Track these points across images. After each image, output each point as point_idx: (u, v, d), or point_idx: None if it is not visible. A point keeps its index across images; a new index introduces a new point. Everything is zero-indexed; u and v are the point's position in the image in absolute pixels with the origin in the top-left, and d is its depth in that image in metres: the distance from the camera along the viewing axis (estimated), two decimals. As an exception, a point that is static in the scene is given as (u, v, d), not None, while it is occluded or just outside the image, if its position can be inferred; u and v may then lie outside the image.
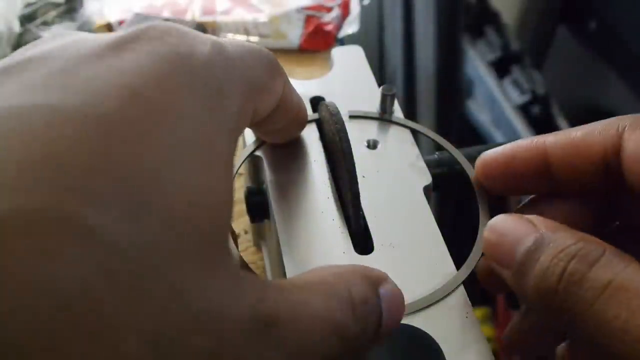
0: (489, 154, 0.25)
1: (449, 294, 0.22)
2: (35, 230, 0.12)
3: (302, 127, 0.26)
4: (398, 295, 0.19)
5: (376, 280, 0.19)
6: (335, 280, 0.18)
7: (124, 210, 0.13)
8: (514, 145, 0.24)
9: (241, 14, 0.57)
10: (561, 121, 0.76)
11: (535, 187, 0.24)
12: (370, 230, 0.24)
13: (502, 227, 0.21)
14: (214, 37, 0.18)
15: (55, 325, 0.12)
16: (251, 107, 0.19)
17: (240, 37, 0.57)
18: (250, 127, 0.25)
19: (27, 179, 0.12)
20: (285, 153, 0.27)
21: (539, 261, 0.19)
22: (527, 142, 0.24)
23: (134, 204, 0.14)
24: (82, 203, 0.13)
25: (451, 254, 0.23)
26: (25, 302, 0.12)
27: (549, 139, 0.23)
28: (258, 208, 0.27)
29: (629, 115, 0.22)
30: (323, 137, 0.28)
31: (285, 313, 0.16)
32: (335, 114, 0.25)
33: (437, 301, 0.21)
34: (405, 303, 0.21)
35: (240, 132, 0.19)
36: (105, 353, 0.13)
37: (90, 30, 0.56)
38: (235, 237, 0.23)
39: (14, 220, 0.12)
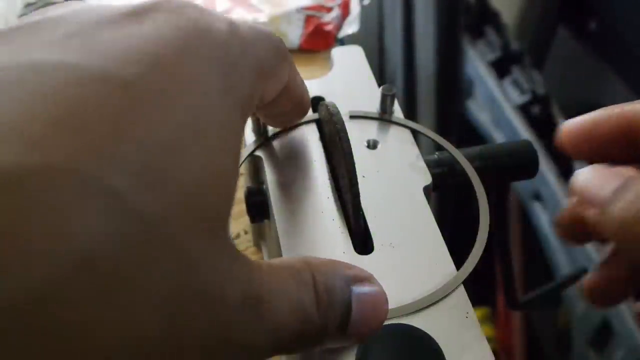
0: (572, 122, 0.24)
1: (449, 294, 0.22)
2: (57, 185, 0.12)
3: (305, 112, 0.26)
4: (375, 298, 0.19)
5: (353, 276, 0.19)
6: (302, 266, 0.18)
7: (143, 177, 0.13)
8: (598, 113, 0.24)
9: (241, 14, 0.57)
10: (561, 121, 0.76)
11: (622, 155, 0.23)
12: (370, 230, 0.24)
13: (591, 171, 0.22)
14: (229, 17, 0.18)
15: (73, 281, 0.12)
16: (260, 89, 0.20)
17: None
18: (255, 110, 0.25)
19: (49, 135, 0.12)
20: (285, 153, 0.27)
21: (627, 190, 0.19)
22: (612, 110, 0.23)
23: (153, 172, 0.14)
24: (104, 165, 0.13)
25: (451, 254, 0.23)
26: (45, 254, 0.12)
27: (636, 107, 0.23)
28: (258, 208, 0.27)
29: None
30: (323, 137, 0.28)
31: (266, 294, 0.16)
32: (335, 114, 0.25)
33: (437, 301, 0.21)
34: (405, 303, 0.21)
35: (249, 112, 0.19)
36: (118, 315, 0.13)
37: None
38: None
39: (37, 174, 0.12)
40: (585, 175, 0.21)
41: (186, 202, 0.14)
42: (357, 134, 0.28)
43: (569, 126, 0.24)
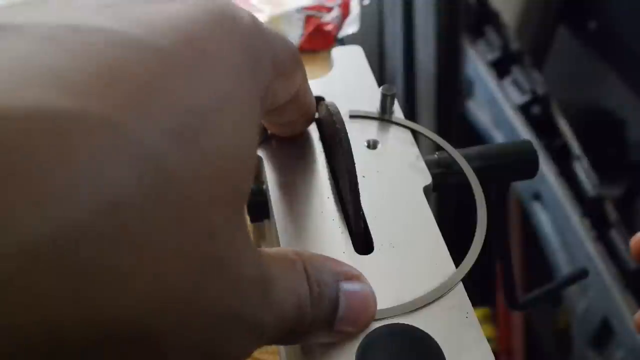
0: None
1: (447, 292, 0.22)
2: (91, 131, 0.12)
3: (309, 123, 0.27)
4: (363, 296, 0.20)
5: (342, 273, 0.19)
6: (295, 257, 0.18)
7: (176, 136, 0.13)
8: None
9: (241, 14, 0.57)
10: (561, 121, 0.76)
11: None
12: (370, 230, 0.24)
13: None
14: (251, 12, 0.19)
15: (98, 224, 0.12)
16: (274, 86, 0.20)
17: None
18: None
19: (88, 85, 0.12)
20: (285, 153, 0.27)
21: None
22: None
23: (185, 133, 0.14)
24: (140, 119, 0.13)
25: (451, 254, 0.23)
26: (72, 195, 0.12)
27: None
28: (258, 208, 0.27)
29: None
30: (323, 137, 0.28)
31: (272, 278, 0.17)
32: (335, 114, 0.25)
33: (435, 300, 0.21)
34: (404, 302, 0.21)
35: (264, 106, 0.19)
36: (144, 265, 0.13)
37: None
38: None
39: (74, 118, 0.12)
40: None
41: (214, 169, 0.14)
42: (357, 134, 0.28)
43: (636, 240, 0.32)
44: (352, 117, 0.29)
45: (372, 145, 0.28)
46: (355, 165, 0.24)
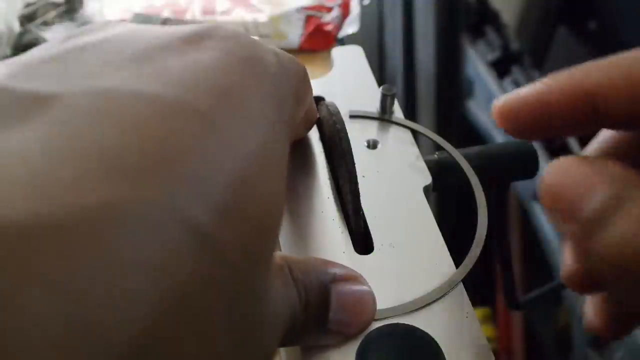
0: (511, 100, 0.19)
1: (447, 293, 0.22)
2: (153, 221, 0.12)
3: (310, 128, 0.27)
4: (359, 297, 0.20)
5: (335, 275, 0.20)
6: (281, 262, 0.19)
7: (226, 214, 0.13)
8: (544, 87, 0.19)
9: (241, 14, 0.57)
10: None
11: (578, 129, 0.19)
12: (370, 230, 0.24)
13: (566, 169, 0.16)
14: (272, 47, 0.19)
15: (172, 322, 0.12)
16: (294, 119, 0.20)
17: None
18: None
19: (142, 169, 0.12)
20: (285, 153, 0.27)
21: (628, 202, 0.14)
22: (563, 81, 0.19)
23: (234, 208, 0.14)
24: (194, 201, 0.13)
25: (451, 254, 0.23)
26: (145, 293, 0.11)
27: (592, 75, 0.19)
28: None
29: None
30: (323, 137, 0.28)
31: (280, 306, 0.17)
32: (335, 114, 0.26)
33: (435, 300, 0.21)
34: (404, 302, 0.21)
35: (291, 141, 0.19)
36: (205, 350, 0.13)
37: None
38: None
39: (134, 208, 0.12)
40: (562, 168, 0.16)
41: (257, 237, 0.15)
42: (357, 134, 0.28)
43: (505, 107, 0.19)
44: (352, 117, 0.29)
45: (372, 145, 0.28)
46: (355, 165, 0.24)
